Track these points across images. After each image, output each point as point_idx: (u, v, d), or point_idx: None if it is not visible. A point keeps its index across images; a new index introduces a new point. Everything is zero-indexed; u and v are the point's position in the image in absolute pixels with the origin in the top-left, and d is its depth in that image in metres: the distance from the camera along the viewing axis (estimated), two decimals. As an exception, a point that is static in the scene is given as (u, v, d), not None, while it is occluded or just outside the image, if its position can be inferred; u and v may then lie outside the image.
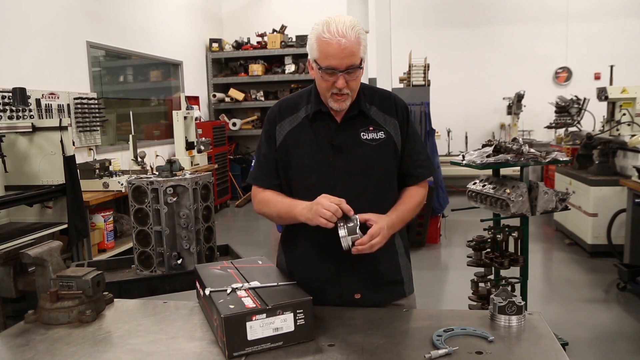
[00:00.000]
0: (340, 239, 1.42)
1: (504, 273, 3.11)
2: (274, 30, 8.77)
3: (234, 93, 8.85)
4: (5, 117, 4.18)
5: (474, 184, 3.16)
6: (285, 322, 1.32)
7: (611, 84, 5.67)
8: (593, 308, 3.93)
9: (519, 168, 2.94)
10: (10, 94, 4.09)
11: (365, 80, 1.63)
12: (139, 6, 6.89)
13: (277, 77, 8.73)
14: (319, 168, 1.59)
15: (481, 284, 3.03)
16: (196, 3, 8.68)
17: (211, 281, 1.51)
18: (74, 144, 4.22)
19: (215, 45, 8.92)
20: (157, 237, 2.46)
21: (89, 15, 5.75)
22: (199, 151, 6.99)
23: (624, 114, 5.02)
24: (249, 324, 1.29)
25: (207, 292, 1.44)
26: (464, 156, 3.11)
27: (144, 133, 7.25)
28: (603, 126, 5.53)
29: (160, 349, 1.36)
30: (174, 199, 2.44)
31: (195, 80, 8.58)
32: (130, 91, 7.17)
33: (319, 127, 1.61)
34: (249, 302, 1.34)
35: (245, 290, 1.43)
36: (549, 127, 7.17)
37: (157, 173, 2.59)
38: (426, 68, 6.40)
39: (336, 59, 1.46)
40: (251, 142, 9.45)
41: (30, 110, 4.56)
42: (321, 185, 1.56)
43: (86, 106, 5.45)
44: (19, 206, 3.73)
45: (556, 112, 6.77)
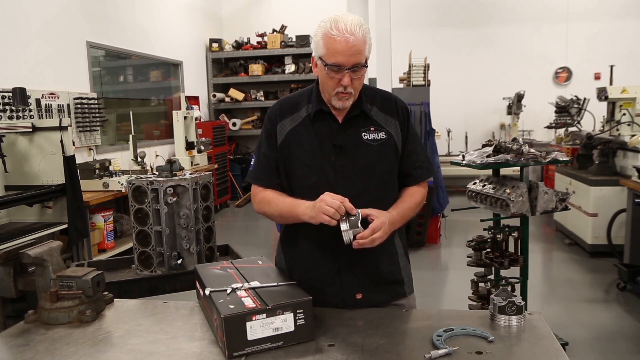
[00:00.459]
0: (342, 232, 1.42)
1: (504, 273, 3.11)
2: (274, 30, 8.77)
3: (234, 93, 8.85)
4: (5, 117, 4.18)
5: (474, 184, 3.16)
6: (285, 322, 1.32)
7: (611, 84, 5.66)
8: (593, 308, 3.93)
9: (519, 168, 2.94)
10: (10, 94, 4.09)
11: (365, 80, 1.62)
12: (139, 6, 6.89)
13: (277, 77, 8.73)
14: (320, 168, 1.59)
15: (481, 284, 3.03)
16: (196, 3, 8.68)
17: (211, 281, 1.51)
18: (74, 144, 4.22)
19: (215, 45, 8.92)
20: (157, 237, 2.46)
21: (89, 15, 5.75)
22: (199, 151, 6.99)
23: (624, 114, 5.01)
24: (249, 324, 1.29)
25: (207, 292, 1.44)
26: (464, 156, 3.11)
27: (144, 133, 7.25)
28: (603, 126, 5.53)
29: (160, 349, 1.36)
30: (174, 199, 2.44)
31: (195, 80, 8.58)
32: (130, 91, 7.17)
33: (320, 126, 1.61)
34: (249, 302, 1.34)
35: (245, 290, 1.43)
36: (549, 127, 7.17)
37: (157, 173, 2.59)
38: (426, 68, 6.40)
39: (343, 56, 1.47)
40: (251, 142, 9.44)
41: (30, 110, 4.56)
42: (322, 185, 1.56)
43: (86, 106, 5.45)
44: (19, 206, 3.73)
45: (556, 112, 6.77)
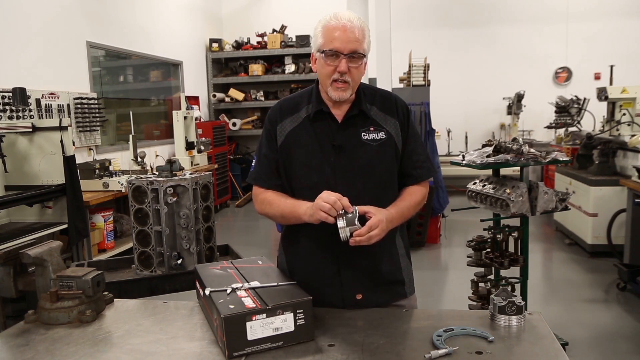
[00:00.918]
0: (339, 229, 1.42)
1: (504, 273, 3.11)
2: (274, 30, 8.77)
3: (234, 93, 8.85)
4: (5, 117, 4.18)
5: (474, 184, 3.16)
6: (285, 322, 1.32)
7: (611, 84, 5.66)
8: (593, 308, 3.93)
9: (519, 168, 2.94)
10: (10, 94, 4.09)
11: (365, 80, 1.63)
12: (139, 6, 6.89)
13: (277, 77, 8.73)
14: (319, 168, 1.59)
15: (481, 284, 3.03)
16: (196, 3, 8.68)
17: (211, 281, 1.51)
18: (74, 144, 4.22)
19: (215, 45, 8.92)
20: (157, 237, 2.46)
21: (89, 15, 5.75)
22: (199, 151, 6.99)
23: (624, 114, 5.01)
24: (249, 324, 1.28)
25: (207, 292, 1.44)
26: (464, 156, 3.11)
27: (144, 133, 7.25)
28: (603, 126, 5.53)
29: (160, 349, 1.36)
30: (174, 199, 2.44)
31: (195, 80, 8.58)
32: (130, 91, 7.17)
33: (319, 127, 1.61)
34: (249, 302, 1.34)
35: (245, 290, 1.43)
36: (549, 127, 7.17)
37: (157, 173, 2.59)
38: (426, 68, 6.39)
39: (340, 42, 1.48)
40: (251, 142, 9.44)
41: (30, 110, 4.56)
42: (322, 185, 1.55)
43: (86, 106, 5.45)
44: (19, 206, 3.73)
45: (556, 112, 6.76)
